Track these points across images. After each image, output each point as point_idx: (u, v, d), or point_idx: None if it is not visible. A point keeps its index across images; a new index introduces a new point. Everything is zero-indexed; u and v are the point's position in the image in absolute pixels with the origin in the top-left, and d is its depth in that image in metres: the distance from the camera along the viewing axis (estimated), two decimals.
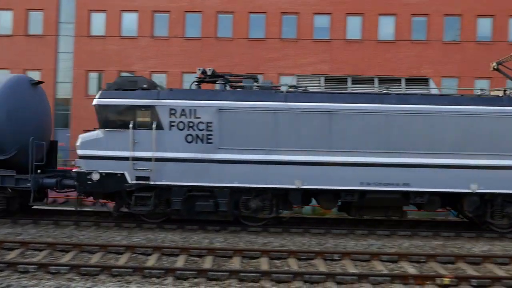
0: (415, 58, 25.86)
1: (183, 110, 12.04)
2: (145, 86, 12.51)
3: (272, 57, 26.18)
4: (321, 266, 9.35)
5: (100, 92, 12.63)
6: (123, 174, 12.09)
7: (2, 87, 13.04)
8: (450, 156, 12.00)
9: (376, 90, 12.87)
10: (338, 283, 8.33)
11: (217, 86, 12.90)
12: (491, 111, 12.07)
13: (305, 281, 8.35)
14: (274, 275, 8.42)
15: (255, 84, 13.14)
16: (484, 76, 25.12)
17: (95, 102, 12.36)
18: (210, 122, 12.04)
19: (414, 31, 26.35)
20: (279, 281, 8.30)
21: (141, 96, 12.21)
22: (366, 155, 11.98)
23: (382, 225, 13.75)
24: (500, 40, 25.75)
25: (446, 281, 8.44)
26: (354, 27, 26.48)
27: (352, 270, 9.08)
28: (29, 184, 12.69)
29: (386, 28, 26.34)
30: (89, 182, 12.15)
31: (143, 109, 12.07)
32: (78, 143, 12.44)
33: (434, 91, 13.18)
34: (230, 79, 13.34)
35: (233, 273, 8.45)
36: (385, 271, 9.09)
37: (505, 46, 25.65)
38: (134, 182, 12.10)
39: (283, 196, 12.50)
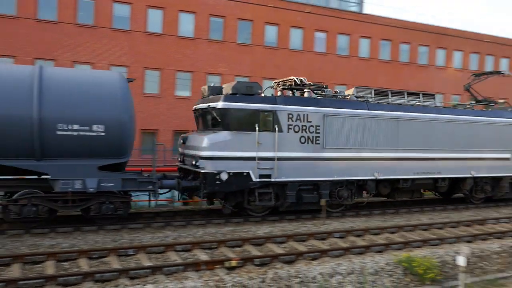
0: (212, 56, 27.25)
1: (298, 115, 13.79)
2: (259, 91, 13.62)
3: (66, 43, 23.95)
4: (114, 263, 9.09)
5: (223, 96, 13.16)
6: (248, 173, 13.07)
7: (122, 86, 12.08)
8: (462, 151, 16.63)
9: (405, 102, 16.49)
10: (132, 278, 8.24)
11: (306, 94, 14.82)
12: (482, 120, 17.17)
13: (97, 281, 8.00)
14: (60, 278, 7.81)
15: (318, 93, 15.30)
16: (269, 77, 28.18)
17: (220, 105, 12.89)
18: (318, 126, 14.09)
19: (212, 31, 27.71)
20: (66, 285, 7.75)
21: (262, 101, 13.44)
22: (418, 152, 15.72)
23: (179, 216, 14.16)
24: (283, 47, 29.22)
25: (234, 263, 9.21)
26: (155, 20, 26.29)
27: (147, 263, 9.10)
28: (150, 186, 12.41)
29: (186, 24, 27.00)
30: (217, 182, 12.67)
31: (265, 113, 13.30)
32: (204, 145, 12.75)
33: (439, 104, 17.74)
34: (311, 87, 15.08)
35: (10, 283, 7.51)
36: (179, 261, 9.39)
37: (287, 52, 29.28)
38: (258, 180, 13.24)
39: (360, 186, 15.13)
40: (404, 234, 12.81)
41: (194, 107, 14.86)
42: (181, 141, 14.37)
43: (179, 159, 14.84)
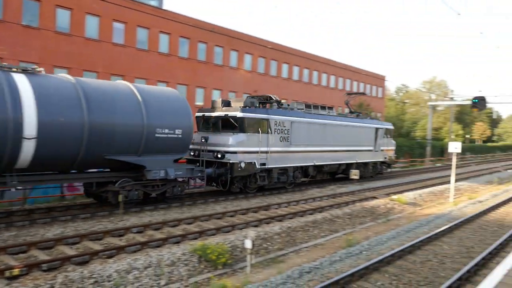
0: None
1: (280, 122, 19.64)
2: (257, 105, 19.31)
3: None
4: None
5: (240, 108, 18.19)
6: (254, 162, 18.53)
7: (184, 99, 16.67)
8: (352, 146, 24.82)
9: (320, 112, 23.34)
10: None
11: (274, 107, 20.50)
12: (360, 125, 25.76)
13: None
14: None
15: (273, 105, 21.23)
16: (62, 66, 25.89)
17: (239, 115, 17.99)
18: (288, 129, 20.09)
19: None
20: None
21: (262, 112, 19.01)
22: (334, 146, 23.31)
23: None
24: (77, 34, 27.14)
25: (16, 271, 8.25)
26: None
27: None
28: (199, 174, 16.85)
29: None
30: (239, 169, 17.91)
31: (263, 120, 18.86)
32: (230, 143, 17.79)
33: (334, 113, 24.80)
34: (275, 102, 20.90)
35: None
36: None
37: (82, 41, 27.36)
38: (259, 167, 18.81)
39: (305, 170, 21.96)
40: (200, 224, 13.51)
41: (202, 113, 19.31)
42: (203, 140, 18.00)
43: (192, 153, 18.60)
